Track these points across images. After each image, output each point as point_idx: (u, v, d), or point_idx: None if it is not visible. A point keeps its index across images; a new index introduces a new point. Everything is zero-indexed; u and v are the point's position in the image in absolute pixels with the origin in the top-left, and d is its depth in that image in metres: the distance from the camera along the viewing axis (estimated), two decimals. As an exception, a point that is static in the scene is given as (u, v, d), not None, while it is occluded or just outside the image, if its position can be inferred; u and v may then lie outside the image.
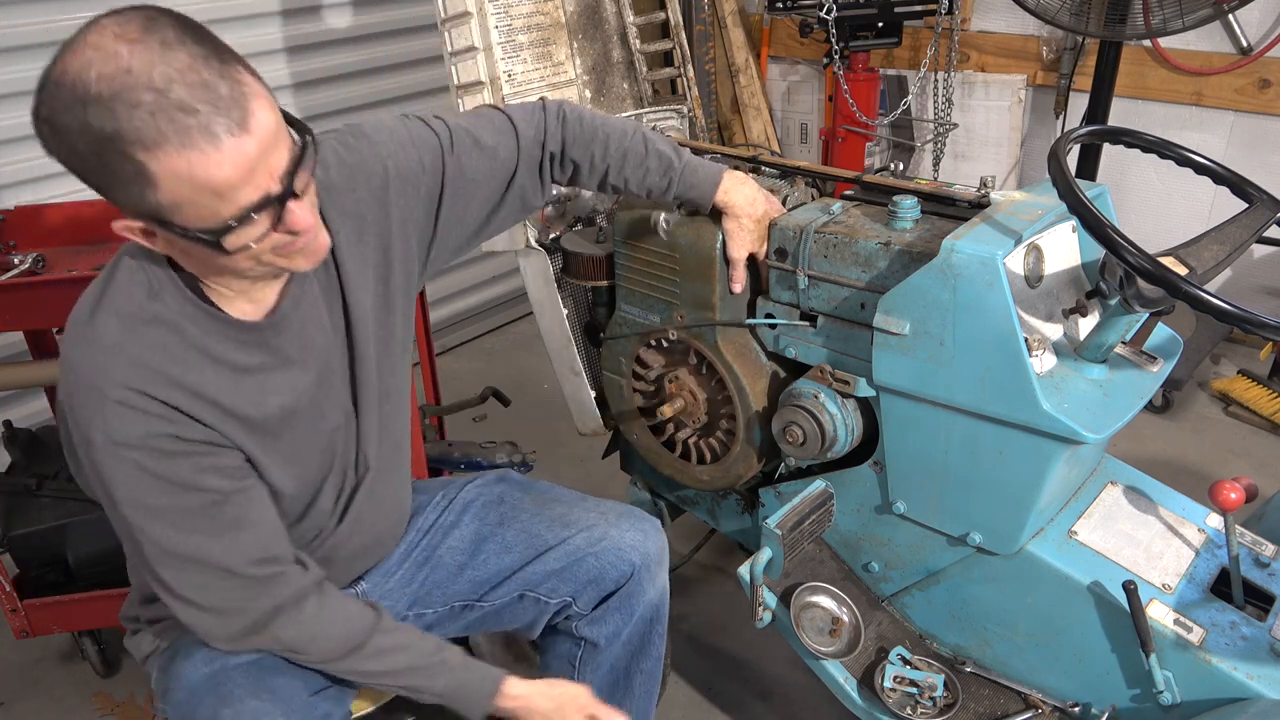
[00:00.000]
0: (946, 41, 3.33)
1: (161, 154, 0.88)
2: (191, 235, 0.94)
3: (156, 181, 0.90)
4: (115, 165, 0.90)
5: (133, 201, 0.93)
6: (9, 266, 1.91)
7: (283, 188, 0.95)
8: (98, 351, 1.02)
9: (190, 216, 0.93)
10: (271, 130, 0.94)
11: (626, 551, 1.41)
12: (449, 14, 1.73)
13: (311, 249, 1.03)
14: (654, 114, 2.05)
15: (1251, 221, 1.32)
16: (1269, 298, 3.17)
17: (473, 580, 1.44)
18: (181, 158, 0.88)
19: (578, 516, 1.45)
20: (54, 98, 0.91)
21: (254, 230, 0.95)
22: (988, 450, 1.34)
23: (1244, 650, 1.28)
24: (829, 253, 1.43)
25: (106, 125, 0.88)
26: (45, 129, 0.93)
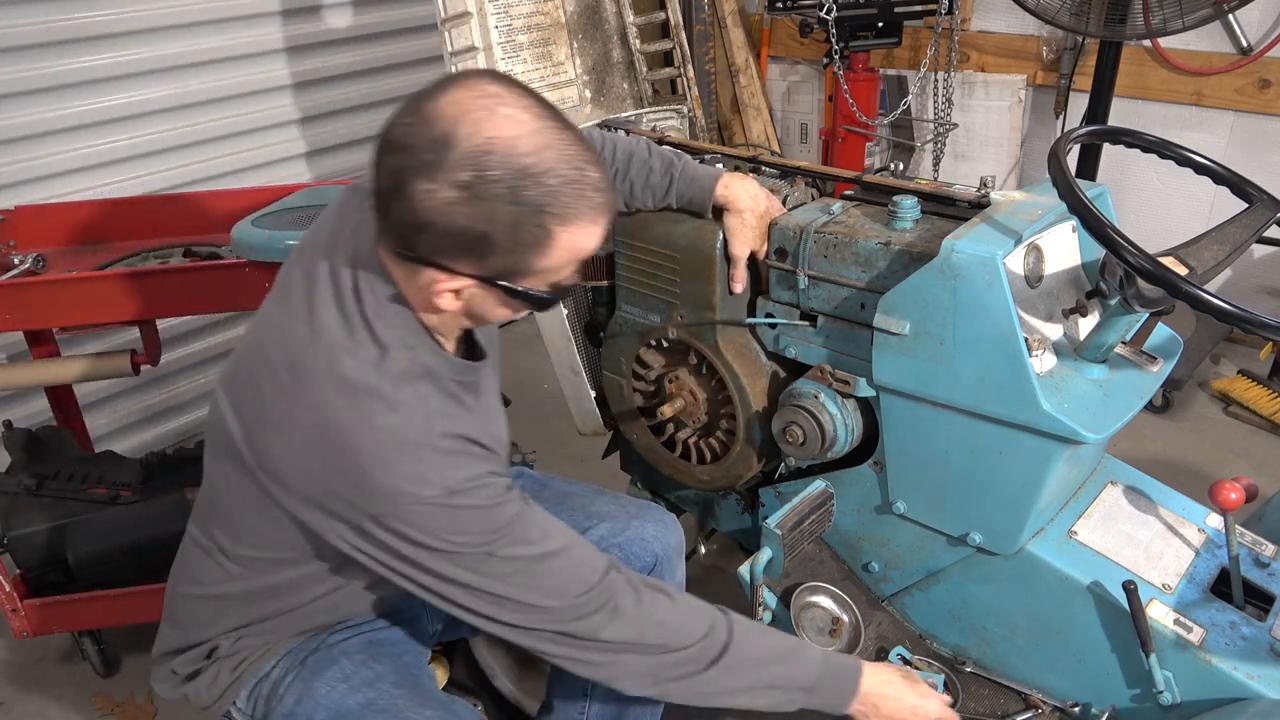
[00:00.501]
0: (946, 41, 3.33)
1: (571, 226, 0.98)
2: (532, 297, 1.03)
3: (552, 248, 0.99)
4: (526, 231, 0.97)
5: (504, 264, 0.99)
6: (9, 266, 1.91)
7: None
8: (402, 408, 1.03)
9: (541, 281, 1.02)
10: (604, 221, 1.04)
11: (649, 542, 1.43)
12: (449, 14, 1.73)
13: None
14: (654, 114, 2.05)
15: (1251, 221, 1.32)
16: (1269, 298, 3.16)
17: None
18: (581, 230, 0.99)
19: (598, 508, 1.46)
20: (483, 166, 0.93)
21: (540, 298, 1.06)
22: (988, 450, 1.34)
23: (1244, 650, 1.28)
24: (829, 253, 1.43)
25: (537, 197, 0.95)
26: (464, 193, 0.94)
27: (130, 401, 2.76)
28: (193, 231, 2.14)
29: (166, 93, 2.65)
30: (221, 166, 2.82)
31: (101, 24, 2.49)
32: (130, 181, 2.63)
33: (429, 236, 0.96)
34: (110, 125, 2.57)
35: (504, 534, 1.04)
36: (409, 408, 1.03)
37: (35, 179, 2.45)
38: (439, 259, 0.98)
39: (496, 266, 0.99)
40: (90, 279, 1.82)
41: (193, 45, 2.67)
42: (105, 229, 2.11)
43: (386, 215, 0.99)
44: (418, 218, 0.95)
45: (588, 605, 1.09)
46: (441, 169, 0.92)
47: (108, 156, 2.58)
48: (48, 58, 2.40)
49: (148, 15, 2.56)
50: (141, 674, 2.12)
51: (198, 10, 2.66)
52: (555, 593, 1.07)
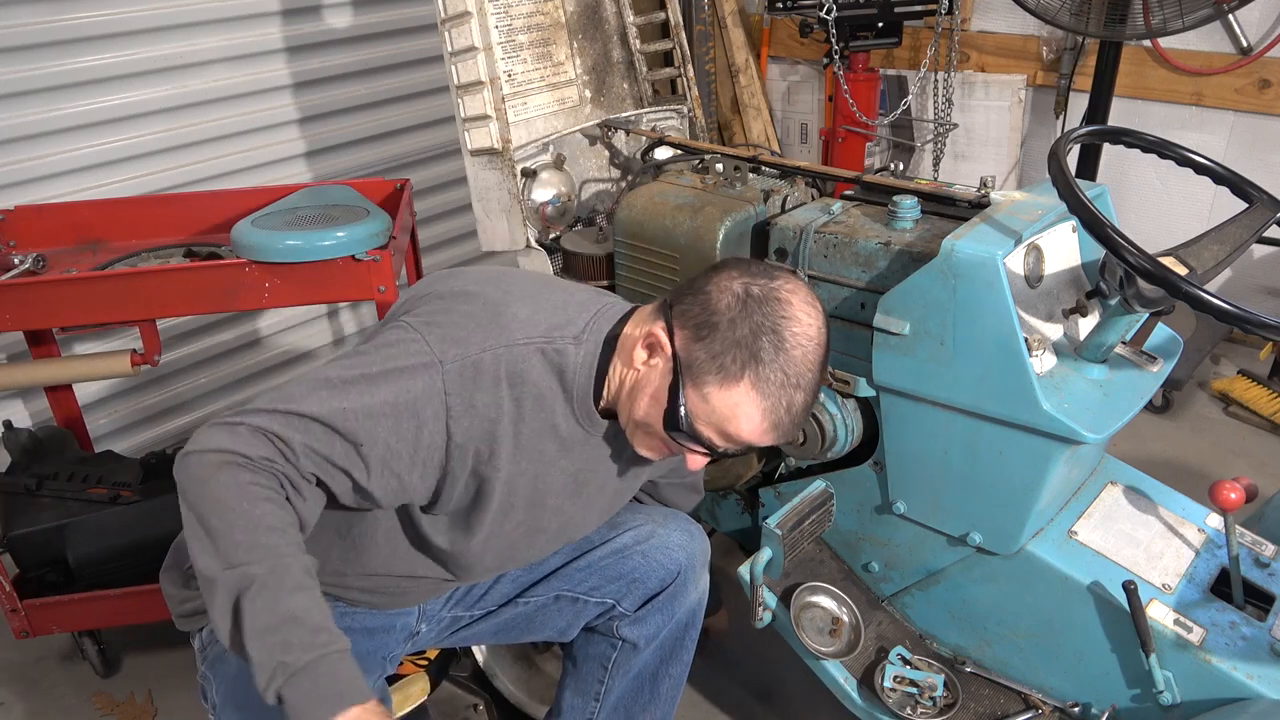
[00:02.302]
0: (946, 41, 3.33)
1: (761, 387, 1.08)
2: (673, 404, 1.12)
3: (725, 389, 1.09)
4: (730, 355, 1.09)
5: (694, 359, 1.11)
6: (9, 266, 1.91)
7: (719, 450, 1.14)
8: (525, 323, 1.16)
9: (701, 411, 1.11)
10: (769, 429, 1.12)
11: (674, 550, 1.42)
12: (449, 14, 1.73)
13: (645, 448, 1.21)
14: (654, 114, 2.05)
15: (1251, 221, 1.32)
16: (1269, 298, 3.16)
17: (514, 580, 1.44)
18: (759, 400, 1.09)
19: (624, 517, 1.46)
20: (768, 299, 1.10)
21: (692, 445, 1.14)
22: (988, 450, 1.34)
23: (1244, 650, 1.28)
24: (829, 252, 1.43)
25: (759, 349, 1.08)
26: (742, 295, 1.10)
27: (130, 401, 2.76)
28: (193, 231, 2.14)
29: (166, 93, 2.65)
30: (221, 166, 2.82)
31: (101, 24, 2.49)
32: (130, 181, 2.63)
33: (690, 300, 1.13)
34: (110, 125, 2.57)
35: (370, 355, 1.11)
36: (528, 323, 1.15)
37: (35, 179, 2.45)
38: (675, 316, 1.13)
39: (689, 357, 1.10)
40: (90, 279, 1.82)
41: (192, 45, 2.67)
42: (105, 229, 2.11)
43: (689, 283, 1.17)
44: (703, 288, 1.13)
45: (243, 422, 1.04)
46: (747, 277, 1.11)
47: (108, 156, 2.58)
48: (48, 58, 2.40)
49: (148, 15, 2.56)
50: (141, 674, 2.12)
51: (197, 10, 2.65)
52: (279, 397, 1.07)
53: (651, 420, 1.14)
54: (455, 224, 3.44)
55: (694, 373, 1.10)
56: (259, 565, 0.97)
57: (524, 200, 1.77)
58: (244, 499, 0.99)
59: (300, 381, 1.09)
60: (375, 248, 1.81)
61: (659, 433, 1.15)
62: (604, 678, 1.46)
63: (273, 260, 1.76)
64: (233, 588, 0.96)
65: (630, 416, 1.17)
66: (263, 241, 1.77)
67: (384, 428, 1.07)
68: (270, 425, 1.04)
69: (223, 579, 0.96)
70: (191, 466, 1.02)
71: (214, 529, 0.98)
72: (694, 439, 1.12)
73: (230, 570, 0.96)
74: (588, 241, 1.76)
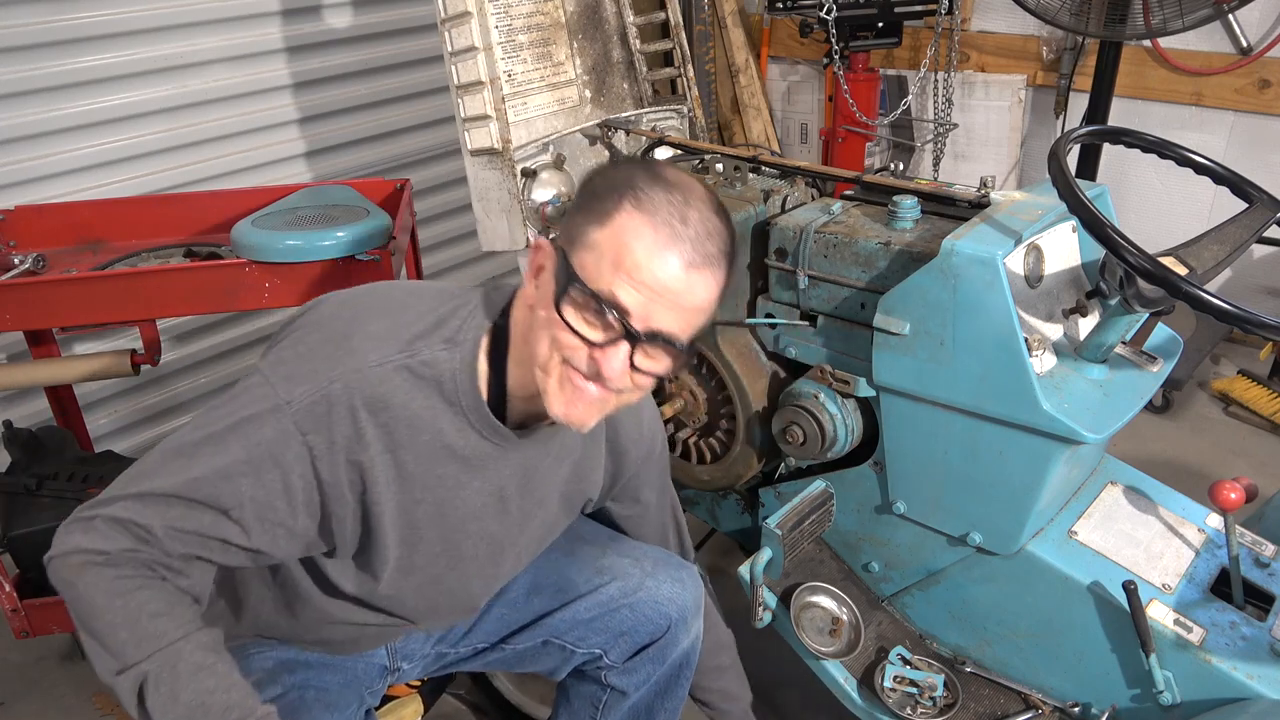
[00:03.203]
0: (946, 41, 3.33)
1: (638, 214, 0.96)
2: (564, 275, 0.98)
3: (609, 224, 0.96)
4: (605, 197, 0.98)
5: (574, 225, 1.00)
6: (9, 266, 1.91)
7: (640, 332, 0.97)
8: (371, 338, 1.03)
9: (589, 263, 0.97)
10: (697, 301, 0.99)
11: (663, 605, 1.35)
12: (449, 14, 1.72)
13: (573, 403, 1.02)
14: (654, 114, 2.05)
15: (1251, 221, 1.32)
16: (1269, 298, 3.16)
17: (500, 620, 1.38)
18: (640, 225, 0.96)
19: (611, 563, 1.38)
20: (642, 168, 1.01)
21: (585, 323, 0.97)
22: (988, 450, 1.34)
23: (1244, 650, 1.28)
24: (829, 253, 1.43)
25: (635, 177, 0.98)
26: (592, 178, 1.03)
27: (130, 401, 2.76)
28: (193, 231, 2.14)
29: (166, 93, 2.65)
30: (221, 166, 2.82)
31: (101, 24, 2.49)
32: (130, 181, 2.63)
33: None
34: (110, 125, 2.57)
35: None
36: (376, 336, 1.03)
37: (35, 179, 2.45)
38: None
39: (568, 232, 1.00)
40: (90, 279, 1.82)
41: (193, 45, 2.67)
42: (105, 229, 2.11)
43: None
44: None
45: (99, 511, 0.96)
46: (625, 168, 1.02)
47: (108, 156, 2.58)
48: (48, 58, 2.40)
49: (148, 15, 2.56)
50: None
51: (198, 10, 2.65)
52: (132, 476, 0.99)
53: (556, 333, 0.98)
54: (455, 224, 3.44)
55: (574, 234, 0.99)
56: (150, 661, 0.92)
57: (524, 200, 1.77)
58: (115, 595, 0.93)
59: (156, 451, 1.00)
60: (375, 248, 1.81)
61: (577, 359, 0.99)
62: (596, 716, 1.42)
63: (273, 260, 1.76)
64: (131, 689, 0.93)
65: (536, 361, 1.02)
66: (263, 241, 1.77)
67: (246, 485, 0.98)
68: (125, 514, 0.96)
69: (118, 683, 0.93)
70: (57, 572, 0.96)
71: (97, 632, 0.94)
72: (597, 304, 0.95)
73: (124, 673, 0.92)
74: (588, 241, 1.76)
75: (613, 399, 1.03)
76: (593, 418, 1.04)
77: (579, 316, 0.97)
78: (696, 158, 1.72)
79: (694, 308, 0.98)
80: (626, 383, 1.00)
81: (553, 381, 1.01)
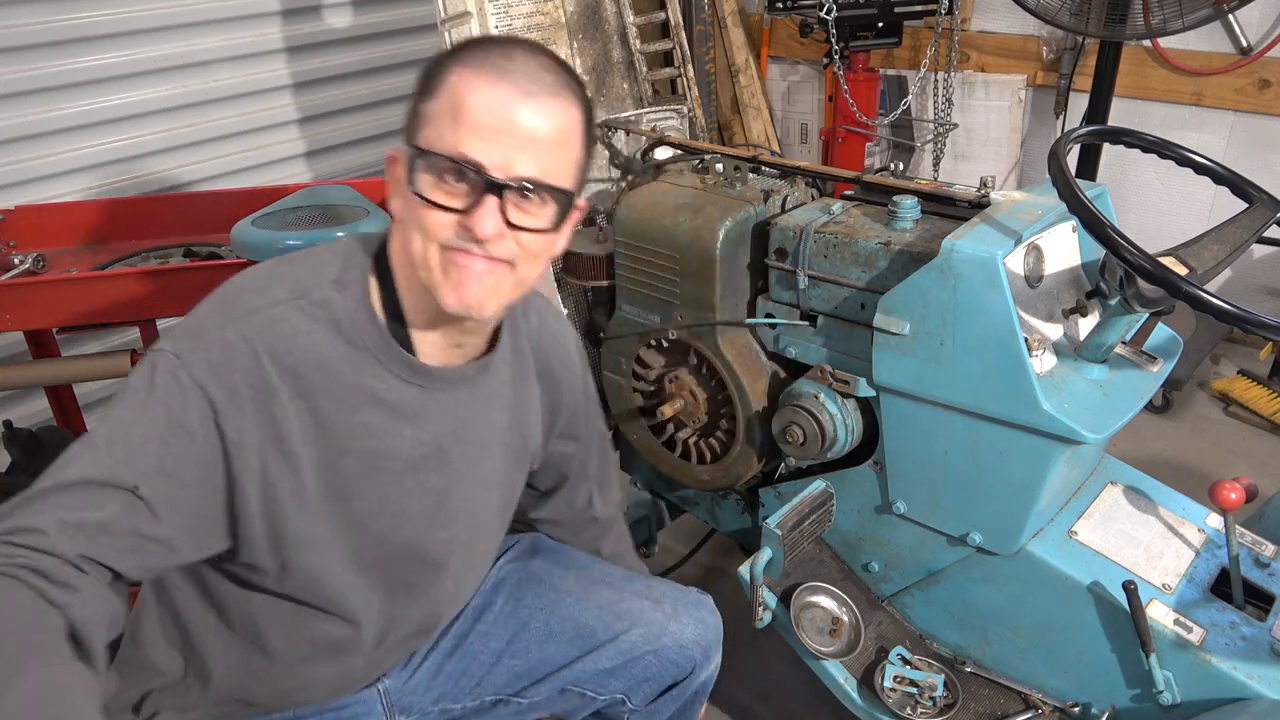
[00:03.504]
0: (946, 41, 3.33)
1: (462, 69, 0.93)
2: (412, 158, 0.94)
3: (439, 90, 0.94)
4: (432, 76, 0.96)
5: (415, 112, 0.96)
6: (9, 266, 1.91)
7: (500, 180, 0.92)
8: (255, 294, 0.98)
9: (430, 133, 0.94)
10: (546, 130, 0.94)
11: (688, 648, 1.32)
12: (449, 14, 1.73)
13: (462, 283, 0.95)
14: (654, 114, 2.05)
15: (1251, 221, 1.32)
16: (1269, 298, 3.16)
17: (511, 671, 1.30)
18: (466, 75, 0.92)
19: (629, 606, 1.32)
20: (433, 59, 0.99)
21: (444, 193, 0.92)
22: (988, 450, 1.34)
23: (1244, 650, 1.28)
24: (829, 253, 1.43)
25: (452, 54, 0.96)
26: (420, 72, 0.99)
27: (130, 401, 2.76)
28: (193, 231, 2.14)
29: (166, 93, 2.65)
30: (221, 166, 2.82)
31: (101, 24, 2.49)
32: (130, 181, 2.63)
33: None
34: (110, 125, 2.57)
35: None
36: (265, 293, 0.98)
37: (35, 179, 2.45)
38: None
39: (410, 122, 0.96)
40: (90, 279, 1.82)
41: (193, 45, 2.67)
42: (105, 229, 2.11)
43: None
44: None
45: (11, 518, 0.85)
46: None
47: (108, 156, 2.58)
48: (48, 58, 2.40)
49: (148, 15, 2.56)
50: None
51: (198, 10, 2.66)
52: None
53: (422, 218, 0.94)
54: (455, 224, 3.44)
55: (413, 123, 0.96)
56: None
57: (524, 200, 1.76)
58: None
59: (67, 450, 0.92)
60: (375, 248, 1.81)
61: (449, 235, 0.93)
62: None
63: (273, 260, 1.76)
64: None
65: (415, 261, 0.96)
66: (263, 241, 1.77)
67: (153, 454, 0.89)
68: (12, 521, 0.84)
69: None
70: None
71: None
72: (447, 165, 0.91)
73: None
74: (588, 241, 1.76)
75: (506, 273, 0.97)
76: (491, 297, 0.97)
77: (436, 188, 0.93)
78: (696, 158, 1.72)
79: (547, 141, 0.93)
80: (511, 246, 0.95)
81: (437, 273, 0.96)
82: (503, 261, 0.96)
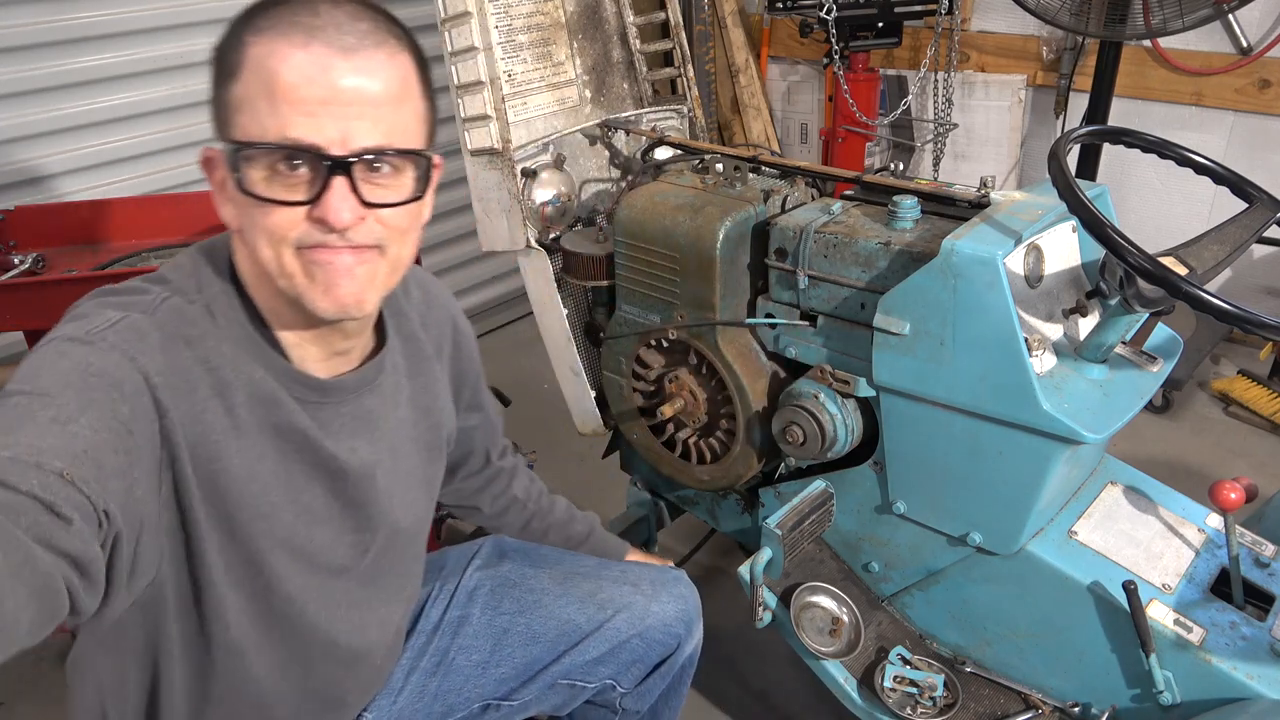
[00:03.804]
0: (946, 41, 3.33)
1: (261, 38, 0.80)
2: (232, 154, 0.81)
3: (241, 69, 0.80)
4: (229, 51, 0.82)
5: (218, 105, 0.84)
6: (9, 266, 1.91)
7: (341, 157, 0.80)
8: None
9: (245, 121, 0.81)
10: (379, 87, 0.81)
11: (672, 626, 1.33)
12: (449, 14, 1.72)
13: (332, 283, 0.84)
14: (654, 114, 2.05)
15: (1251, 221, 1.32)
16: (1269, 298, 3.16)
17: (498, 678, 1.28)
18: (268, 44, 0.79)
19: (610, 594, 1.31)
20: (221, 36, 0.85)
21: (282, 187, 0.80)
22: (988, 450, 1.34)
23: (1244, 650, 1.28)
24: (829, 253, 1.43)
25: (243, 22, 0.82)
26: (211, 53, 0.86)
27: (130, 401, 2.77)
28: (193, 231, 2.14)
29: (166, 93, 2.65)
30: (221, 166, 2.82)
31: (101, 24, 2.49)
32: (130, 181, 2.63)
33: None
34: (110, 125, 2.57)
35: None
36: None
37: (35, 179, 2.45)
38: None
39: (217, 115, 0.83)
40: (90, 279, 1.82)
41: (193, 45, 2.67)
42: (105, 229, 2.11)
43: None
44: None
45: None
46: None
47: (108, 156, 2.58)
48: (48, 58, 2.40)
49: (148, 15, 2.56)
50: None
51: (198, 10, 2.66)
52: None
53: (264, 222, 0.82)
54: (455, 224, 3.44)
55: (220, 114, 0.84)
56: None
57: (524, 200, 1.77)
58: None
59: None
60: (375, 248, 1.81)
61: (302, 234, 0.82)
62: None
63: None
64: None
65: (271, 272, 0.84)
66: (263, 241, 1.77)
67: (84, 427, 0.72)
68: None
69: None
70: None
71: None
72: (275, 154, 0.80)
73: None
74: (588, 241, 1.76)
75: (377, 259, 0.87)
76: (367, 291, 0.87)
77: (270, 183, 0.81)
78: (696, 158, 1.72)
79: (383, 99, 0.82)
80: (374, 228, 0.84)
81: (299, 278, 0.84)
82: (370, 248, 0.86)
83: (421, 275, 1.17)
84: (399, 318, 1.08)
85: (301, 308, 0.86)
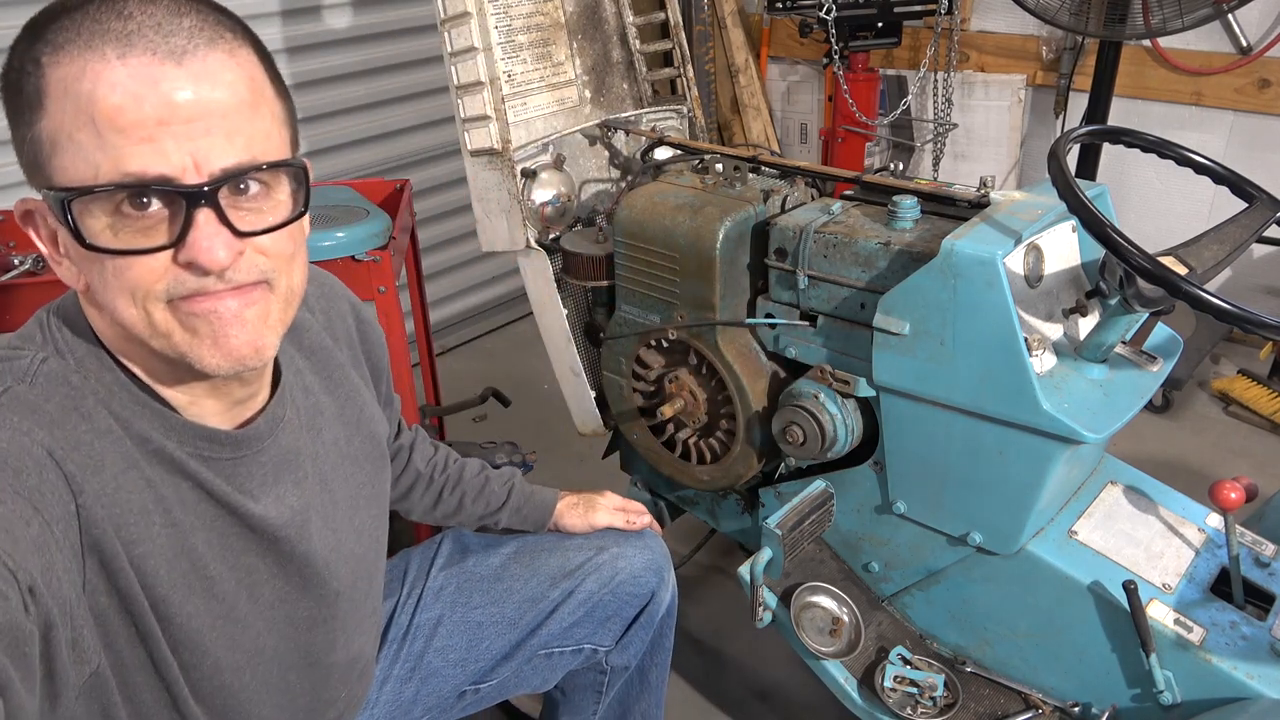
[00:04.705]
0: (946, 41, 3.33)
1: (61, 56, 0.65)
2: (60, 204, 0.66)
3: (44, 98, 0.66)
4: (20, 84, 0.67)
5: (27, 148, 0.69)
6: (9, 266, 1.91)
7: (198, 187, 0.67)
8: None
9: (67, 162, 0.66)
10: (226, 94, 0.68)
11: (641, 576, 1.33)
12: (449, 14, 1.72)
13: (221, 335, 0.72)
14: (654, 114, 2.05)
15: (1251, 221, 1.32)
16: (1269, 298, 3.16)
17: (477, 668, 1.27)
18: (73, 62, 0.65)
19: (576, 561, 1.30)
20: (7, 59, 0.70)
21: (133, 234, 0.67)
22: (988, 450, 1.34)
23: (1244, 650, 1.28)
24: (829, 253, 1.43)
25: (33, 39, 0.67)
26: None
27: (130, 402, 2.76)
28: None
29: (166, 93, 2.65)
30: (221, 167, 2.82)
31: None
32: (130, 182, 2.63)
33: None
34: (110, 125, 2.57)
35: None
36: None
37: (35, 179, 2.45)
38: None
39: (27, 161, 0.69)
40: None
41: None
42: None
43: None
44: None
45: None
46: None
47: (107, 157, 2.58)
48: (47, 58, 2.40)
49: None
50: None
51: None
52: None
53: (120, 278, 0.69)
54: (455, 224, 3.44)
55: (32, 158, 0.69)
56: None
57: (524, 200, 1.77)
58: None
59: None
60: (375, 248, 1.81)
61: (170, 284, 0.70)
62: (598, 701, 1.42)
63: (273, 260, 1.76)
64: None
65: (141, 332, 0.72)
66: (263, 242, 1.77)
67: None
68: None
69: None
70: None
71: None
72: (115, 196, 0.67)
73: None
74: (588, 241, 1.76)
75: (266, 296, 0.75)
76: (265, 335, 0.75)
77: (117, 231, 0.68)
78: (696, 158, 1.72)
79: (233, 107, 0.68)
80: (256, 260, 0.72)
81: (179, 336, 0.72)
82: (255, 285, 0.73)
83: (312, 271, 1.00)
84: (298, 333, 0.97)
85: (187, 365, 0.74)
